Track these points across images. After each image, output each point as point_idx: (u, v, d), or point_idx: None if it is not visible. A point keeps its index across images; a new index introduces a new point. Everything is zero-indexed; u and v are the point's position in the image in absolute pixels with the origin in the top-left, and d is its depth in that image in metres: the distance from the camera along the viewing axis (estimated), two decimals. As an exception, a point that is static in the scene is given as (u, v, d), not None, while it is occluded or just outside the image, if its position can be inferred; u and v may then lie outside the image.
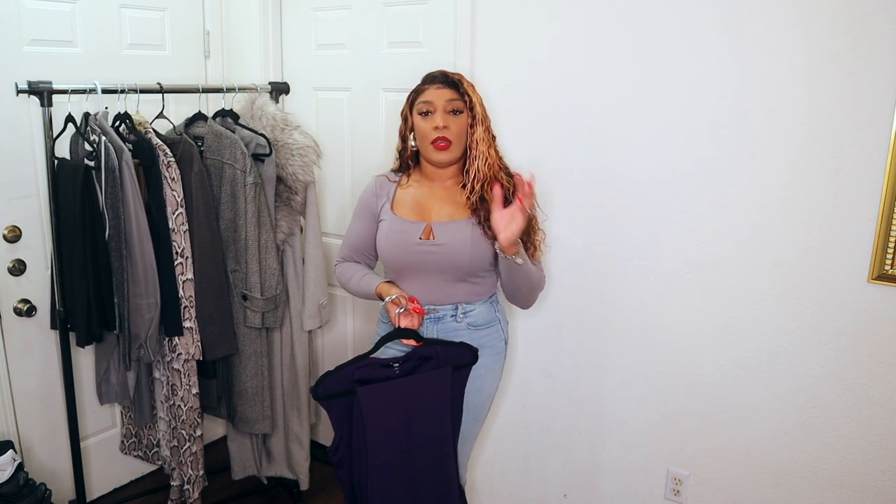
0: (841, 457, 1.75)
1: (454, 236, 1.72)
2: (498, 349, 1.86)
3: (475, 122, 1.72)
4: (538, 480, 2.29)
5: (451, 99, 1.72)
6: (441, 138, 1.71)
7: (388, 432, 1.63)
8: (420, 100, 1.74)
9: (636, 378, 2.02)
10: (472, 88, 1.75)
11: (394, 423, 1.63)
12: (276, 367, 2.36)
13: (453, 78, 1.74)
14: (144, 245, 1.95)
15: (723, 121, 1.76)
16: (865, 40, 1.56)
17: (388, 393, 1.62)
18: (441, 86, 1.73)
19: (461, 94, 1.72)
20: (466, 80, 1.76)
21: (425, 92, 1.74)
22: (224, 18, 2.67)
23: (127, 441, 2.33)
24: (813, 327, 1.73)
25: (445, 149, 1.72)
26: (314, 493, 2.61)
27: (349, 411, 1.63)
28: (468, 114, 1.73)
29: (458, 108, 1.72)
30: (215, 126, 2.15)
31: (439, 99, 1.71)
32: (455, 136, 1.71)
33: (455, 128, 1.71)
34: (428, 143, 1.72)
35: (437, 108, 1.71)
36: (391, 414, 1.63)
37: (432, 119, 1.71)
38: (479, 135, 1.72)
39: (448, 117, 1.71)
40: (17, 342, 2.23)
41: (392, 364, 1.65)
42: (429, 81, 1.75)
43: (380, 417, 1.61)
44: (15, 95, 1.89)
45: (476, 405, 1.84)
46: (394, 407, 1.62)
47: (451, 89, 1.72)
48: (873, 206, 1.60)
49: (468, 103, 1.72)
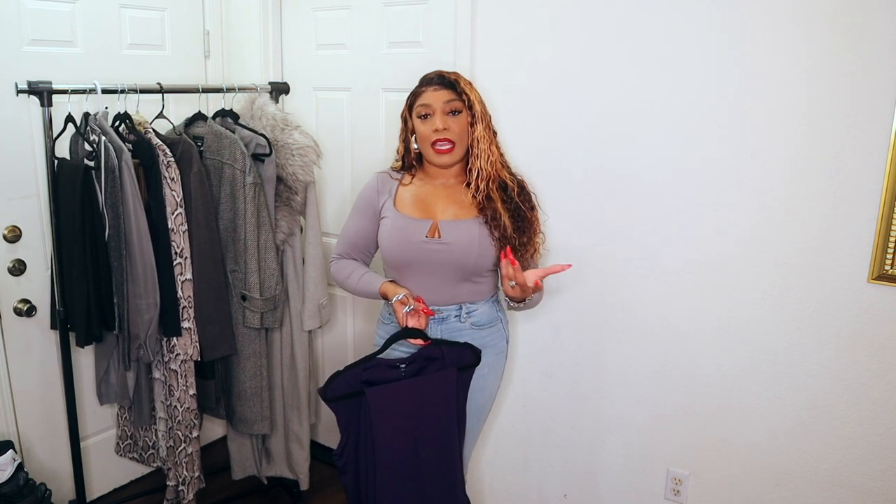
0: (841, 457, 1.75)
1: (460, 235, 1.72)
2: (500, 348, 1.86)
3: (475, 120, 1.72)
4: (538, 480, 2.29)
5: (448, 100, 1.71)
6: (442, 140, 1.70)
7: (395, 433, 1.62)
8: (418, 103, 1.73)
9: (636, 378, 2.02)
10: (470, 86, 1.74)
11: (401, 425, 1.63)
12: (275, 367, 2.36)
13: (450, 78, 1.73)
14: (144, 245, 1.95)
15: (723, 121, 1.76)
16: (865, 40, 1.55)
17: (395, 394, 1.61)
18: (438, 87, 1.72)
19: (459, 94, 1.71)
20: (464, 78, 1.75)
21: (423, 95, 1.73)
22: (224, 18, 2.67)
23: (122, 443, 2.32)
24: (813, 327, 1.73)
25: (448, 152, 1.71)
26: (314, 493, 2.61)
27: (357, 413, 1.63)
28: (467, 112, 1.72)
29: (457, 109, 1.71)
30: (215, 126, 2.15)
31: (437, 101, 1.71)
32: (456, 137, 1.71)
33: (456, 128, 1.71)
34: (429, 147, 1.72)
35: (436, 111, 1.71)
36: (399, 415, 1.62)
37: (432, 122, 1.71)
38: (479, 132, 1.71)
39: (447, 118, 1.70)
40: (17, 342, 2.23)
41: (399, 365, 1.65)
42: (425, 84, 1.74)
43: (387, 418, 1.61)
44: (15, 95, 1.89)
45: (479, 405, 1.84)
46: (401, 408, 1.62)
47: (449, 90, 1.71)
48: (873, 206, 1.60)
49: (466, 102, 1.71)
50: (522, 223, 1.73)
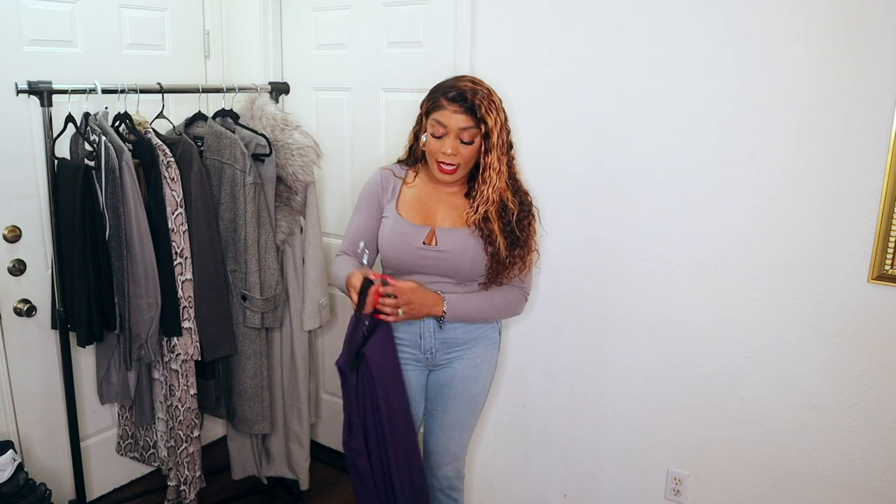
0: (841, 457, 1.75)
1: (456, 244, 1.72)
2: (492, 339, 1.88)
3: (489, 147, 1.66)
4: (538, 480, 2.29)
5: (465, 127, 1.63)
6: (448, 162, 1.68)
7: (393, 377, 1.70)
8: (434, 117, 1.67)
9: (636, 378, 2.02)
10: (492, 111, 1.64)
11: (396, 375, 1.72)
12: (275, 367, 2.36)
13: (473, 101, 1.62)
14: (145, 245, 1.95)
15: (723, 120, 1.76)
16: (865, 40, 1.56)
17: (379, 342, 1.67)
18: (458, 110, 1.62)
19: (477, 122, 1.63)
20: (488, 99, 1.64)
21: (441, 112, 1.65)
22: (224, 18, 2.67)
23: (123, 442, 2.32)
24: (813, 327, 1.73)
25: (450, 173, 1.70)
26: (314, 493, 2.61)
27: (355, 383, 1.69)
28: (482, 140, 1.66)
29: (471, 139, 1.66)
30: (215, 126, 2.15)
31: (454, 124, 1.63)
32: (463, 162, 1.68)
33: (465, 154, 1.67)
34: (434, 161, 1.70)
35: (450, 134, 1.65)
36: (392, 363, 1.71)
37: (443, 142, 1.66)
38: (491, 161, 1.66)
39: (459, 145, 1.65)
40: (17, 342, 2.23)
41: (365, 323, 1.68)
42: (448, 99, 1.64)
43: (385, 366, 1.69)
44: (15, 95, 1.89)
45: (473, 395, 1.86)
46: (391, 356, 1.71)
47: (468, 115, 1.62)
48: (873, 206, 1.60)
49: (483, 130, 1.64)
50: (517, 242, 1.73)
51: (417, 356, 1.83)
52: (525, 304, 1.85)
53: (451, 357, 1.83)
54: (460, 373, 1.84)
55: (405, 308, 1.64)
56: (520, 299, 1.83)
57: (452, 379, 1.84)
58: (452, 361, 1.83)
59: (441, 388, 1.86)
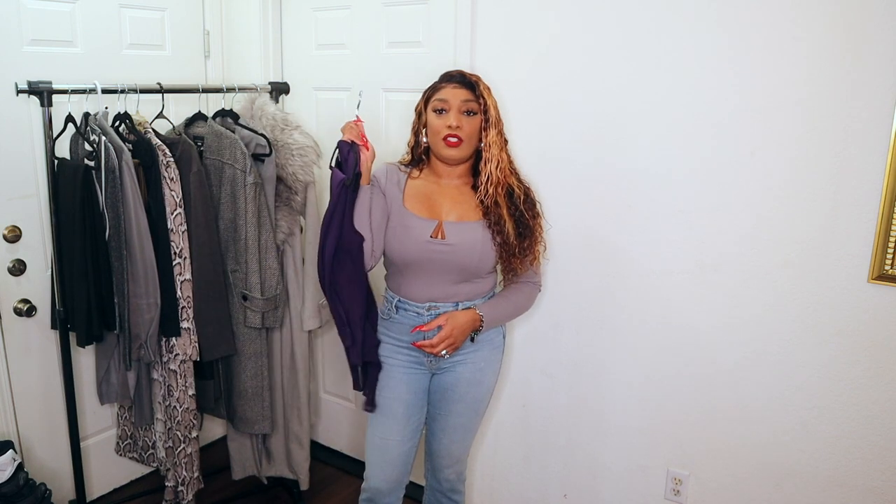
0: (841, 456, 1.75)
1: (464, 237, 1.73)
2: (496, 343, 1.87)
3: (489, 124, 1.73)
4: (538, 480, 2.29)
5: (466, 99, 1.72)
6: (453, 135, 1.71)
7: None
8: (436, 97, 1.74)
9: (636, 378, 2.02)
10: (489, 92, 1.75)
11: None
12: (275, 367, 2.36)
13: (471, 79, 1.74)
14: (144, 245, 1.95)
15: (723, 120, 1.76)
16: (865, 40, 1.56)
17: None
18: (458, 85, 1.73)
19: (476, 97, 1.72)
20: (484, 82, 1.76)
21: (442, 90, 1.74)
22: (224, 18, 2.67)
23: (122, 443, 2.32)
24: (813, 327, 1.73)
25: (456, 146, 1.72)
26: (314, 493, 2.61)
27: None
28: (482, 116, 1.73)
29: (473, 110, 1.72)
30: (215, 126, 2.15)
31: (455, 98, 1.71)
32: (466, 136, 1.72)
33: (468, 128, 1.72)
34: (439, 139, 1.73)
35: (452, 108, 1.72)
36: None
37: (446, 117, 1.72)
38: (492, 137, 1.73)
39: (462, 117, 1.72)
40: (17, 342, 2.23)
41: None
42: (446, 80, 1.75)
43: None
44: (15, 95, 1.89)
45: (476, 399, 1.86)
46: None
47: (468, 90, 1.73)
48: (873, 206, 1.60)
49: (483, 106, 1.72)
50: (525, 230, 1.75)
51: (421, 359, 1.82)
52: (538, 293, 1.89)
53: (456, 361, 1.82)
54: (464, 377, 1.83)
55: (448, 341, 1.72)
56: (534, 291, 1.87)
57: (456, 383, 1.83)
58: (456, 365, 1.83)
59: (445, 392, 1.85)
